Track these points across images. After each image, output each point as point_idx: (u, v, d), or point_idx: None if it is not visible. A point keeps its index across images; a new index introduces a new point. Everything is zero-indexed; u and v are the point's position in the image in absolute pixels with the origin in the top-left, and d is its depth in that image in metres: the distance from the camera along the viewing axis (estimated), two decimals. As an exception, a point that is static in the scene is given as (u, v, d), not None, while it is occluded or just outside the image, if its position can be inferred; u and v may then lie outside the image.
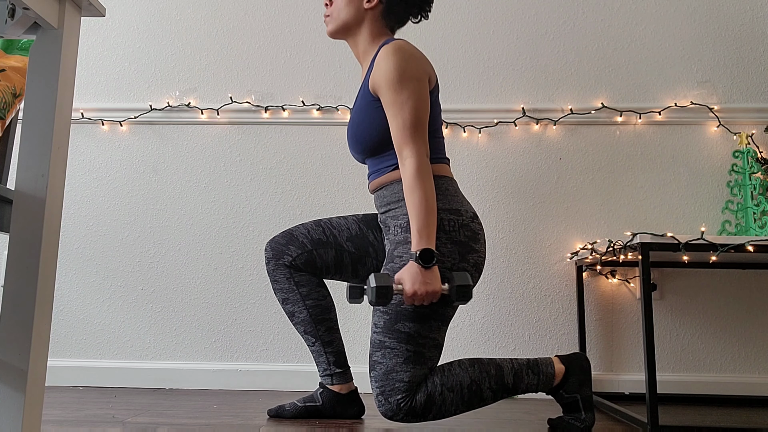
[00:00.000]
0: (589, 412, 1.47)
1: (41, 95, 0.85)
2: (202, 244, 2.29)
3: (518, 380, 1.45)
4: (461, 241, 1.43)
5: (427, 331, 1.40)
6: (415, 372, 1.39)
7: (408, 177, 1.38)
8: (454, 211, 1.44)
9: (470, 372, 1.42)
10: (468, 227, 1.45)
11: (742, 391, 2.11)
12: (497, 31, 2.36)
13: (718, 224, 2.20)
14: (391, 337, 1.39)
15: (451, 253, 1.41)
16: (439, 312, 1.41)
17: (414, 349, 1.39)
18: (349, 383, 1.64)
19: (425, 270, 1.33)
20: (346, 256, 1.60)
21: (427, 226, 1.35)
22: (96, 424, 1.51)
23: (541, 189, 2.26)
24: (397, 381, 1.38)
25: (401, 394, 1.38)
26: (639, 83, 2.30)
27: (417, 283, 1.32)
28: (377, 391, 1.40)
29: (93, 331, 2.25)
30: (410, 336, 1.39)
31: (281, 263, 1.60)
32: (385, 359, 1.39)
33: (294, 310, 1.60)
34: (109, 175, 2.34)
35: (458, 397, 1.40)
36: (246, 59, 2.39)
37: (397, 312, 1.39)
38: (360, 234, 1.62)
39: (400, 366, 1.38)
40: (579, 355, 1.51)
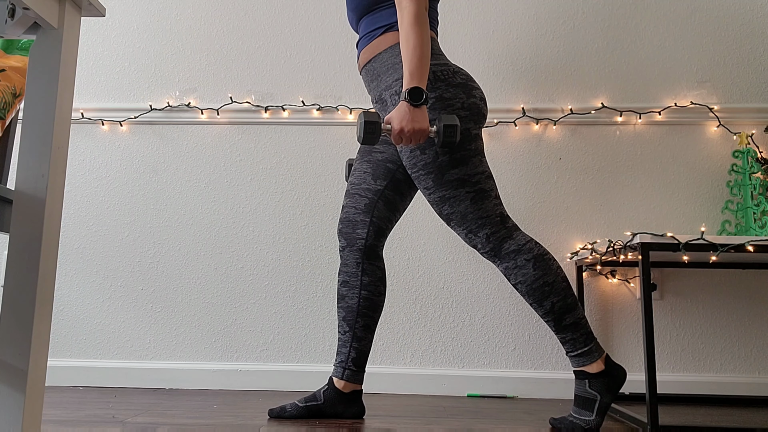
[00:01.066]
0: (599, 418, 1.47)
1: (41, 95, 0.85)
2: (202, 244, 2.29)
3: (572, 328, 1.48)
4: (460, 83, 1.52)
5: (473, 168, 1.49)
6: (486, 204, 1.49)
7: (405, 24, 1.44)
8: (443, 64, 1.53)
9: (558, 279, 1.49)
10: (460, 72, 1.54)
11: (742, 391, 2.11)
12: (497, 31, 2.36)
13: (718, 224, 2.20)
14: (447, 188, 1.48)
15: (457, 94, 1.50)
16: (471, 148, 1.50)
17: (472, 188, 1.49)
18: (355, 384, 1.65)
19: (414, 108, 1.39)
20: (388, 193, 1.66)
21: (419, 67, 1.41)
22: (96, 424, 1.51)
23: (541, 189, 2.26)
24: (476, 219, 1.49)
25: (486, 228, 1.49)
26: (639, 83, 2.30)
27: (404, 121, 1.39)
28: (464, 233, 1.51)
29: (93, 331, 2.25)
30: (462, 180, 1.49)
31: (355, 248, 1.66)
32: (454, 207, 1.50)
33: (347, 294, 1.65)
34: (109, 175, 2.34)
35: (531, 278, 1.47)
36: (246, 59, 2.39)
37: (437, 166, 1.48)
38: (373, 165, 1.67)
39: (469, 207, 1.49)
40: (621, 368, 1.51)
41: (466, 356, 2.17)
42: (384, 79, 1.56)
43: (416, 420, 1.64)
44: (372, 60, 1.58)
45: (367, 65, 1.60)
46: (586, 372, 1.48)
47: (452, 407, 1.86)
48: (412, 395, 2.11)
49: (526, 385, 2.13)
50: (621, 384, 1.49)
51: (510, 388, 2.13)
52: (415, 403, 1.93)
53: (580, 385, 1.49)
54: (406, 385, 2.15)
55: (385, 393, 2.14)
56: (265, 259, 2.26)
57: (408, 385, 2.15)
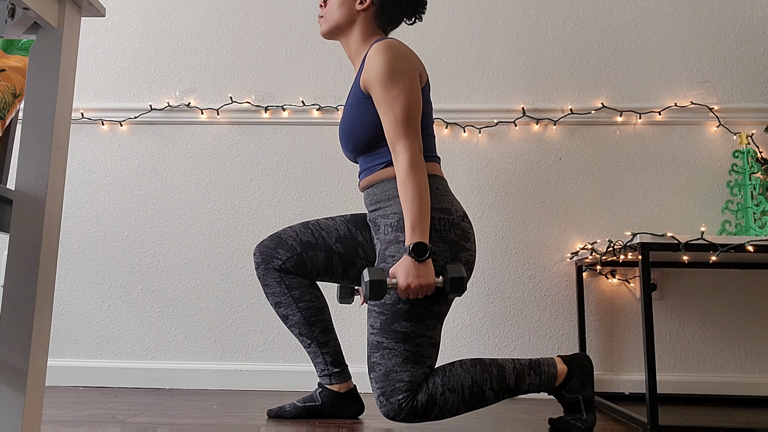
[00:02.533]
0: (591, 413, 1.47)
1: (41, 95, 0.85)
2: (202, 244, 2.29)
3: (520, 380, 1.45)
4: (452, 240, 1.43)
5: (424, 329, 1.40)
6: (415, 371, 1.39)
7: (401, 171, 1.39)
8: (444, 210, 1.45)
9: (472, 372, 1.42)
10: (458, 226, 1.45)
11: (742, 391, 2.11)
12: (497, 31, 2.36)
13: (718, 224, 2.20)
14: (389, 338, 1.40)
15: (443, 252, 1.42)
16: (434, 310, 1.41)
17: (412, 348, 1.39)
18: (347, 382, 1.64)
19: (419, 263, 1.33)
20: (335, 258, 1.59)
21: (420, 220, 1.36)
22: (96, 424, 1.51)
23: (541, 189, 2.26)
24: (397, 381, 1.38)
25: (402, 394, 1.38)
26: (639, 83, 2.30)
27: (411, 277, 1.33)
28: (378, 392, 1.40)
29: (93, 331, 2.25)
30: (407, 335, 1.39)
31: (271, 267, 1.59)
32: (384, 360, 1.40)
33: (287, 314, 1.59)
34: (109, 175, 2.34)
35: (460, 398, 1.40)
36: (246, 59, 2.39)
37: (393, 312, 1.40)
38: (349, 235, 1.61)
39: (399, 366, 1.38)
40: (581, 355, 1.51)
41: (465, 356, 2.17)
42: (382, 206, 1.50)
43: (416, 420, 1.64)
44: (373, 186, 1.53)
45: (368, 189, 1.55)
46: (559, 385, 1.49)
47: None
48: (412, 395, 2.11)
49: (526, 385, 2.13)
50: (591, 372, 1.49)
51: (510, 388, 2.13)
52: (415, 403, 1.92)
53: (559, 397, 1.50)
54: (406, 385, 2.15)
55: (385, 393, 2.14)
56: (265, 259, 2.26)
57: (408, 385, 2.15)
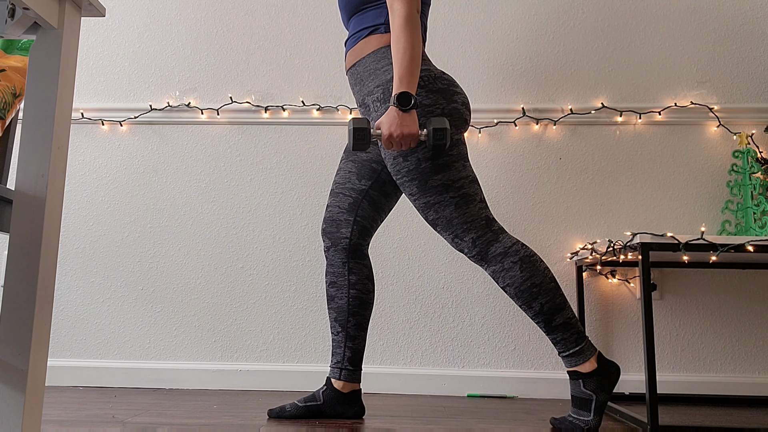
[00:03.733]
0: (597, 417, 1.47)
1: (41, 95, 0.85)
2: (202, 244, 2.29)
3: (562, 328, 1.47)
4: (441, 88, 1.51)
5: (456, 173, 1.48)
6: (471, 209, 1.48)
7: (396, 26, 1.44)
8: (425, 69, 1.51)
9: (546, 282, 1.48)
10: (441, 77, 1.52)
11: (742, 391, 2.11)
12: (497, 31, 2.36)
13: (718, 224, 2.20)
14: (431, 194, 1.48)
15: (436, 101, 1.49)
16: (455, 153, 1.49)
17: (457, 193, 1.48)
18: (354, 383, 1.65)
19: (403, 113, 1.38)
20: (372, 193, 1.66)
21: (409, 72, 1.41)
22: (96, 424, 1.51)
23: (541, 189, 2.26)
24: (462, 223, 1.48)
25: (472, 232, 1.48)
26: (639, 83, 2.30)
27: (394, 126, 1.38)
28: (450, 238, 1.50)
29: (93, 331, 2.25)
30: (446, 185, 1.47)
31: (340, 248, 1.66)
32: (440, 213, 1.49)
33: (336, 294, 1.65)
34: (109, 175, 2.34)
35: (519, 280, 1.47)
36: (246, 59, 2.39)
37: (421, 173, 1.47)
38: (359, 165, 1.67)
39: (454, 212, 1.48)
40: (614, 364, 1.51)
41: (466, 356, 2.17)
42: (366, 84, 1.55)
43: (416, 420, 1.64)
44: (356, 64, 1.58)
45: (352, 68, 1.60)
46: (579, 372, 1.48)
47: (452, 407, 1.86)
48: (412, 395, 2.11)
49: (526, 385, 2.13)
50: (615, 381, 1.49)
51: (510, 388, 2.13)
52: (415, 403, 1.93)
53: (575, 385, 1.49)
54: (406, 385, 2.15)
55: (385, 393, 2.14)
56: (265, 259, 2.26)
57: (408, 385, 2.15)
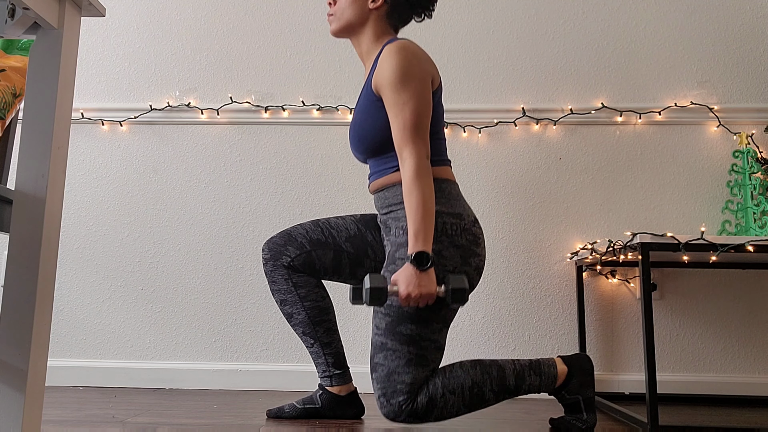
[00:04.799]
0: (591, 413, 1.47)
1: (41, 95, 0.85)
2: (202, 244, 2.29)
3: (520, 381, 1.45)
4: (463, 245, 1.43)
5: (429, 333, 1.40)
6: (417, 374, 1.39)
7: (407, 178, 1.37)
8: (456, 215, 1.44)
9: (472, 374, 1.42)
10: (470, 231, 1.45)
11: (742, 391, 2.11)
12: (497, 31, 2.36)
13: (718, 224, 2.20)
14: (393, 339, 1.39)
15: (453, 257, 1.41)
16: (440, 314, 1.41)
17: (416, 351, 1.39)
18: (348, 384, 1.64)
19: (420, 272, 1.32)
20: (344, 257, 1.59)
21: (424, 228, 1.34)
22: (96, 424, 1.51)
23: (541, 189, 2.26)
24: (399, 383, 1.38)
25: (403, 396, 1.38)
26: (639, 83, 2.30)
27: (411, 285, 1.32)
28: (379, 393, 1.40)
29: (93, 331, 2.25)
30: (412, 338, 1.39)
31: (279, 264, 1.58)
32: (387, 361, 1.39)
33: (292, 312, 1.59)
34: (109, 175, 2.34)
35: (459, 400, 1.40)
36: (246, 59, 2.39)
37: (398, 314, 1.39)
38: (358, 234, 1.61)
39: (402, 368, 1.38)
40: (582, 356, 1.51)
41: (465, 356, 2.17)
42: (393, 210, 1.50)
43: (416, 420, 1.64)
44: (384, 189, 1.52)
45: (379, 193, 1.54)
46: (558, 387, 1.49)
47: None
48: (412, 395, 2.11)
49: (526, 385, 2.13)
50: (591, 372, 1.49)
51: (510, 388, 2.13)
52: (415, 403, 1.92)
53: (560, 398, 1.51)
54: (406, 385, 2.14)
55: (385, 393, 2.14)
56: (265, 259, 2.26)
57: (408, 385, 2.15)
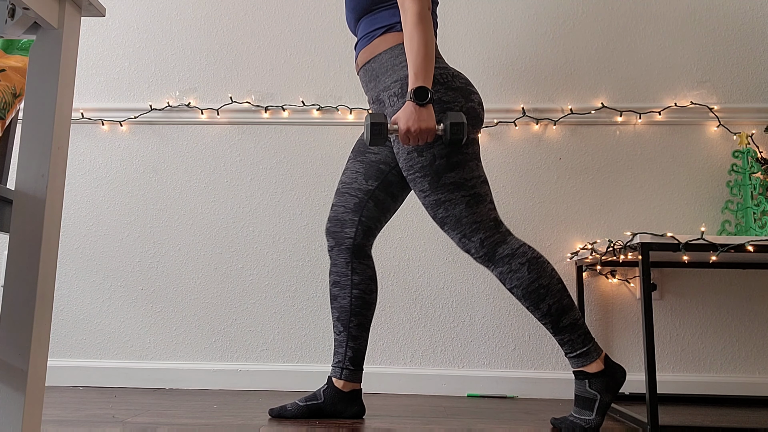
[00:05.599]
0: (599, 417, 1.47)
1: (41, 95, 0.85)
2: (202, 244, 2.29)
3: (570, 329, 1.48)
4: (459, 87, 1.52)
5: (469, 172, 1.50)
6: (481, 209, 1.49)
7: (409, 24, 1.45)
8: (443, 67, 1.53)
9: (553, 283, 1.49)
10: (459, 76, 1.54)
11: (742, 391, 2.11)
12: (497, 31, 2.36)
13: (718, 224, 2.20)
14: (443, 192, 1.48)
15: (455, 98, 1.50)
16: (469, 152, 1.50)
17: (468, 192, 1.49)
18: (354, 383, 1.65)
19: (420, 107, 1.39)
20: (379, 194, 1.66)
21: (424, 67, 1.42)
22: (96, 424, 1.51)
23: (541, 189, 2.26)
24: (471, 222, 1.49)
25: (481, 232, 1.49)
26: (639, 83, 2.30)
27: (411, 120, 1.39)
28: (458, 237, 1.51)
29: (93, 331, 2.25)
30: (458, 183, 1.49)
31: (344, 247, 1.66)
32: (449, 211, 1.49)
33: (339, 294, 1.65)
34: (109, 175, 2.34)
35: (526, 281, 1.47)
36: (246, 59, 2.39)
37: (434, 169, 1.48)
38: (366, 166, 1.67)
39: (464, 211, 1.48)
40: (621, 368, 1.52)
41: (466, 356, 2.17)
42: (382, 80, 1.56)
43: (416, 420, 1.64)
44: (371, 60, 1.58)
45: (366, 65, 1.60)
46: (586, 372, 1.48)
47: (452, 407, 1.86)
48: (412, 395, 2.11)
49: (526, 385, 2.13)
50: (620, 383, 1.49)
51: (510, 388, 2.13)
52: (415, 403, 1.93)
53: (580, 385, 1.49)
54: (406, 385, 2.15)
55: (385, 393, 2.14)
56: (265, 259, 2.26)
57: (408, 385, 2.15)
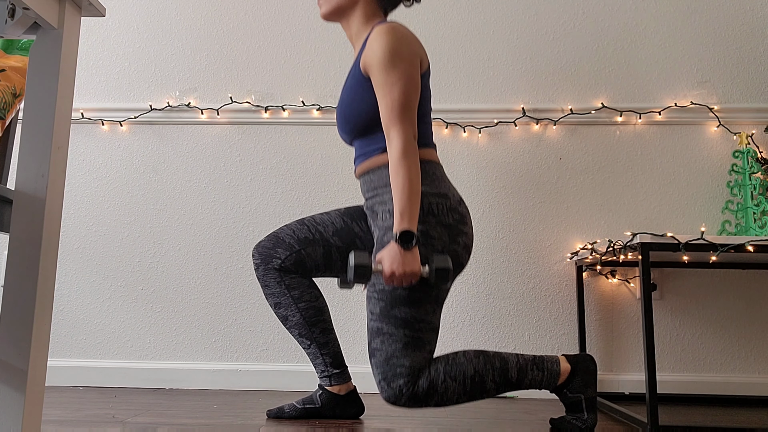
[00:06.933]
0: (592, 413, 1.47)
1: (41, 95, 0.85)
2: (202, 244, 2.29)
3: (522, 375, 1.45)
4: (450, 224, 1.44)
5: (423, 314, 1.41)
6: (415, 356, 1.40)
7: (394, 158, 1.39)
8: (442, 195, 1.45)
9: (474, 363, 1.43)
10: (456, 210, 1.46)
11: (742, 391, 2.11)
12: (497, 31, 2.36)
13: (718, 224, 2.20)
14: (388, 323, 1.40)
15: (441, 236, 1.42)
16: (432, 295, 1.42)
17: (412, 333, 1.40)
18: (347, 383, 1.64)
19: (405, 251, 1.34)
20: (334, 252, 1.59)
21: (410, 207, 1.36)
22: (96, 424, 1.51)
23: (541, 189, 2.26)
24: (398, 366, 1.39)
25: (403, 379, 1.39)
26: (639, 83, 2.30)
27: (396, 264, 1.33)
28: (379, 377, 1.41)
29: (93, 331, 2.25)
30: (407, 321, 1.40)
31: (270, 267, 1.58)
32: (384, 345, 1.40)
33: (287, 314, 1.59)
34: (109, 175, 2.34)
35: (461, 387, 1.41)
36: (246, 59, 2.39)
37: (391, 298, 1.40)
38: (345, 227, 1.61)
39: (399, 351, 1.39)
40: (586, 356, 1.51)
41: (466, 356, 2.17)
42: (380, 193, 1.50)
43: (416, 420, 1.64)
44: (369, 172, 1.52)
45: (365, 176, 1.54)
46: (560, 385, 1.49)
47: (452, 407, 1.86)
48: (412, 395, 2.11)
49: (526, 385, 2.13)
50: (595, 372, 1.49)
51: (510, 388, 2.13)
52: (415, 403, 1.92)
53: (562, 396, 1.51)
54: (406, 385, 2.14)
55: (385, 393, 2.14)
56: (265, 259, 2.26)
57: (408, 385, 2.14)
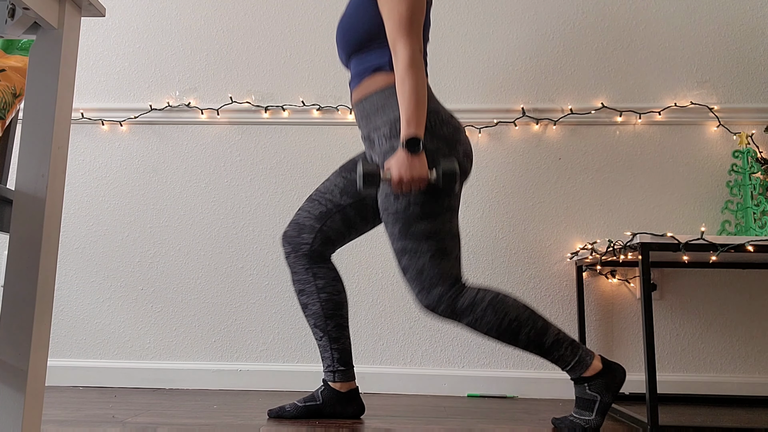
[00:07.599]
0: (599, 417, 1.47)
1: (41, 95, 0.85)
2: (202, 244, 2.29)
3: (555, 347, 1.47)
4: (445, 135, 1.48)
5: (440, 224, 1.46)
6: (444, 264, 1.45)
7: (400, 69, 1.42)
8: (433, 111, 1.49)
9: (520, 311, 1.46)
10: (449, 123, 1.50)
11: (742, 391, 2.11)
12: (497, 31, 2.36)
13: (718, 224, 2.20)
14: (410, 240, 1.45)
15: (439, 147, 1.46)
16: (445, 204, 1.46)
17: (435, 244, 1.45)
18: (350, 382, 1.65)
19: (412, 156, 1.38)
20: (349, 211, 1.64)
21: (416, 115, 1.40)
22: (96, 424, 1.51)
23: (541, 189, 2.26)
24: (431, 276, 1.45)
25: (440, 287, 1.45)
26: (639, 83, 2.30)
27: (404, 169, 1.37)
28: (417, 290, 1.47)
29: (93, 331, 2.25)
30: (427, 234, 1.45)
31: (300, 254, 1.63)
32: (413, 261, 1.46)
33: (308, 302, 1.63)
34: (109, 175, 2.34)
35: (497, 323, 1.45)
36: (246, 59, 2.39)
37: (407, 216, 1.45)
38: (346, 182, 1.65)
39: (428, 263, 1.45)
40: (620, 367, 1.51)
41: (466, 356, 2.17)
42: (373, 119, 1.54)
43: (416, 420, 1.64)
44: (363, 100, 1.56)
45: (358, 104, 1.58)
46: (584, 377, 1.49)
47: (452, 407, 1.86)
48: (412, 395, 2.11)
49: (526, 385, 2.13)
50: (620, 382, 1.49)
51: (510, 388, 2.13)
52: (415, 403, 1.93)
53: (579, 388, 1.50)
54: (406, 385, 2.15)
55: (385, 393, 2.14)
56: (265, 259, 2.26)
57: (408, 385, 2.15)
